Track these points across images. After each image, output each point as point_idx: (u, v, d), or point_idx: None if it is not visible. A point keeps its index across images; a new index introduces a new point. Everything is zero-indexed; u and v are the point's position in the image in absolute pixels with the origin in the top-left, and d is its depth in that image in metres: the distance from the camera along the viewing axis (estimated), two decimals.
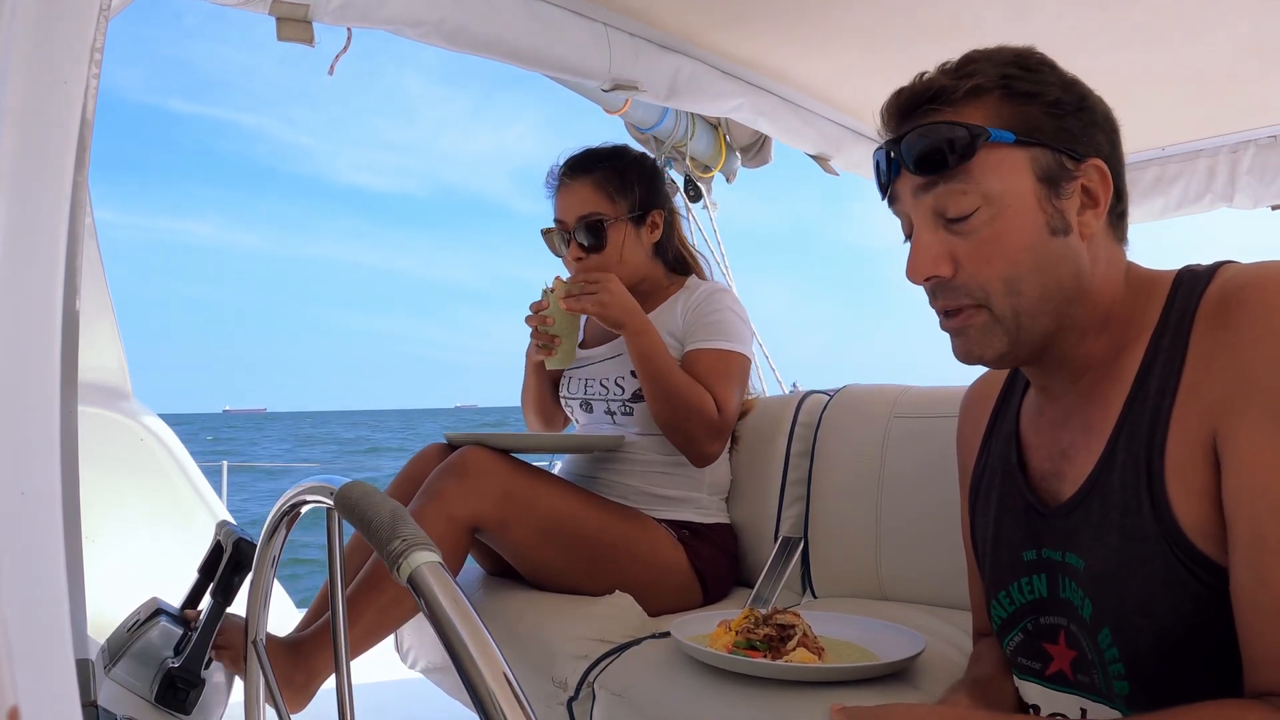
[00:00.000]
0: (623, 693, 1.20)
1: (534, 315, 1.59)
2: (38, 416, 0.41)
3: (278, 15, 1.38)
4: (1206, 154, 2.40)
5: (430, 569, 0.51)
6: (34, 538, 0.39)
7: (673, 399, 1.49)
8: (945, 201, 0.75)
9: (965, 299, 0.76)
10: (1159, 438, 0.71)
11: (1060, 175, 0.74)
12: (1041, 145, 0.74)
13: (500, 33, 1.57)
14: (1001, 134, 0.73)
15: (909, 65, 0.81)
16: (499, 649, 0.47)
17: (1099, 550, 0.74)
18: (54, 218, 0.44)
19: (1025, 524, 0.84)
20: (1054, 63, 0.77)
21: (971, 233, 0.75)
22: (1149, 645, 0.71)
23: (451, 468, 1.38)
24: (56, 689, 0.38)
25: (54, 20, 0.46)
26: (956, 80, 0.75)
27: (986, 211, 0.74)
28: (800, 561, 1.62)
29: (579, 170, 1.65)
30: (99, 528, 2.15)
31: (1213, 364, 0.69)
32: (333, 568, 0.71)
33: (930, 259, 0.76)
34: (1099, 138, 0.76)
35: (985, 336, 0.77)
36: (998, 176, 0.73)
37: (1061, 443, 0.81)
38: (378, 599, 1.28)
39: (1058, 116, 0.75)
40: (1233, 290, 0.69)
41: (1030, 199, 0.74)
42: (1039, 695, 0.84)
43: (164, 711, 1.04)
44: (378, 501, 0.57)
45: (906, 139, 0.76)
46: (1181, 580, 0.68)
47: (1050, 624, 0.82)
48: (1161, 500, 0.69)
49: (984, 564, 0.91)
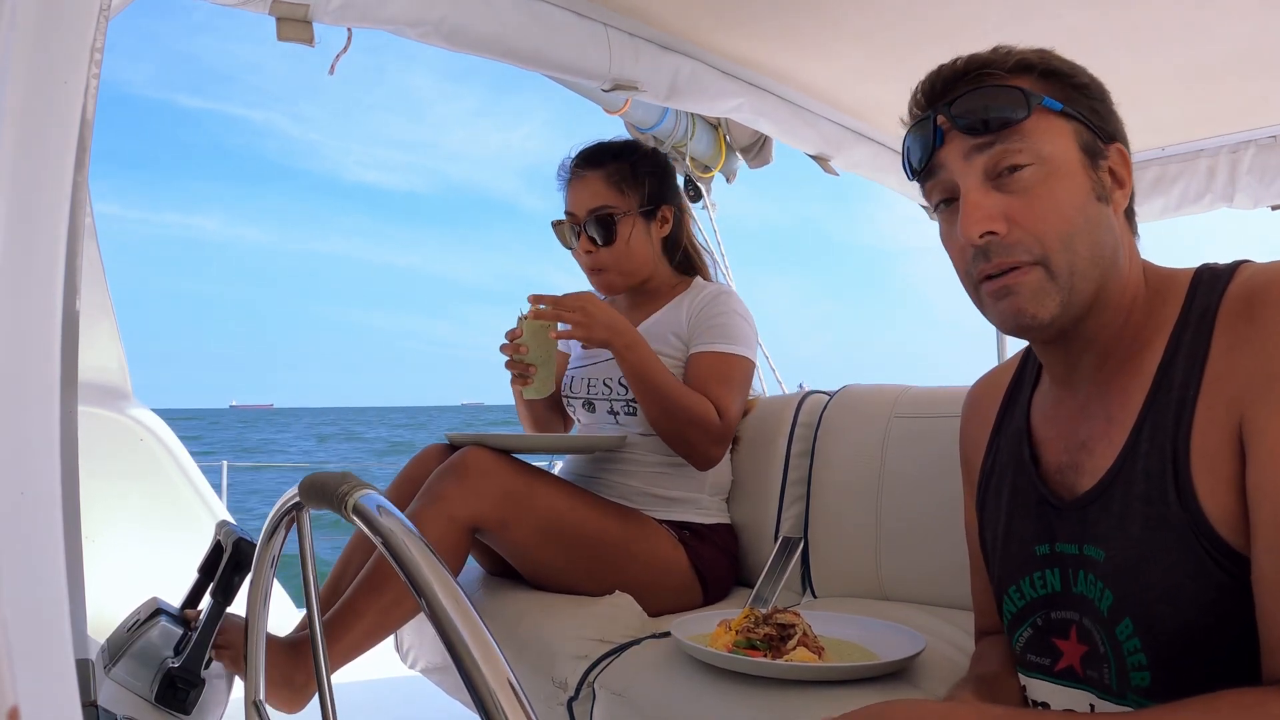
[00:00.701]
0: (623, 693, 1.20)
1: (508, 345, 1.56)
2: (38, 416, 0.41)
3: (278, 15, 1.38)
4: (1207, 154, 2.40)
5: (372, 499, 0.55)
6: (34, 538, 0.39)
7: (671, 410, 1.48)
8: (1000, 160, 0.76)
9: (1024, 254, 0.75)
10: (1184, 427, 0.71)
11: (1096, 150, 0.78)
12: (1081, 120, 0.78)
13: (500, 33, 1.57)
14: (1051, 101, 0.76)
15: (909, 65, 0.82)
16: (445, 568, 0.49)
17: (1121, 541, 0.74)
18: (54, 218, 0.44)
19: (1038, 518, 0.84)
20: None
21: (1025, 190, 0.75)
22: (1172, 635, 0.71)
23: (452, 468, 1.38)
24: (56, 689, 0.38)
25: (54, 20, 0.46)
26: (1003, 56, 0.78)
27: (1040, 170, 0.75)
28: (800, 561, 1.62)
29: (590, 163, 1.65)
30: (99, 528, 2.16)
31: (1238, 356, 0.70)
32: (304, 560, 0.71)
33: (986, 215, 0.76)
34: (1118, 125, 0.80)
35: (1039, 295, 0.76)
36: (1049, 139, 0.76)
37: (1080, 435, 0.82)
38: (378, 600, 1.28)
39: (1089, 99, 0.79)
40: (1258, 286, 0.71)
41: (1078, 164, 0.77)
42: (1048, 692, 0.84)
43: (164, 711, 1.04)
44: (328, 473, 0.63)
45: (959, 101, 0.77)
46: (1206, 570, 0.69)
47: (1061, 619, 0.82)
48: (1188, 489, 0.70)
49: (993, 560, 0.91)
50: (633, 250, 1.65)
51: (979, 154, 0.77)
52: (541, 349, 1.54)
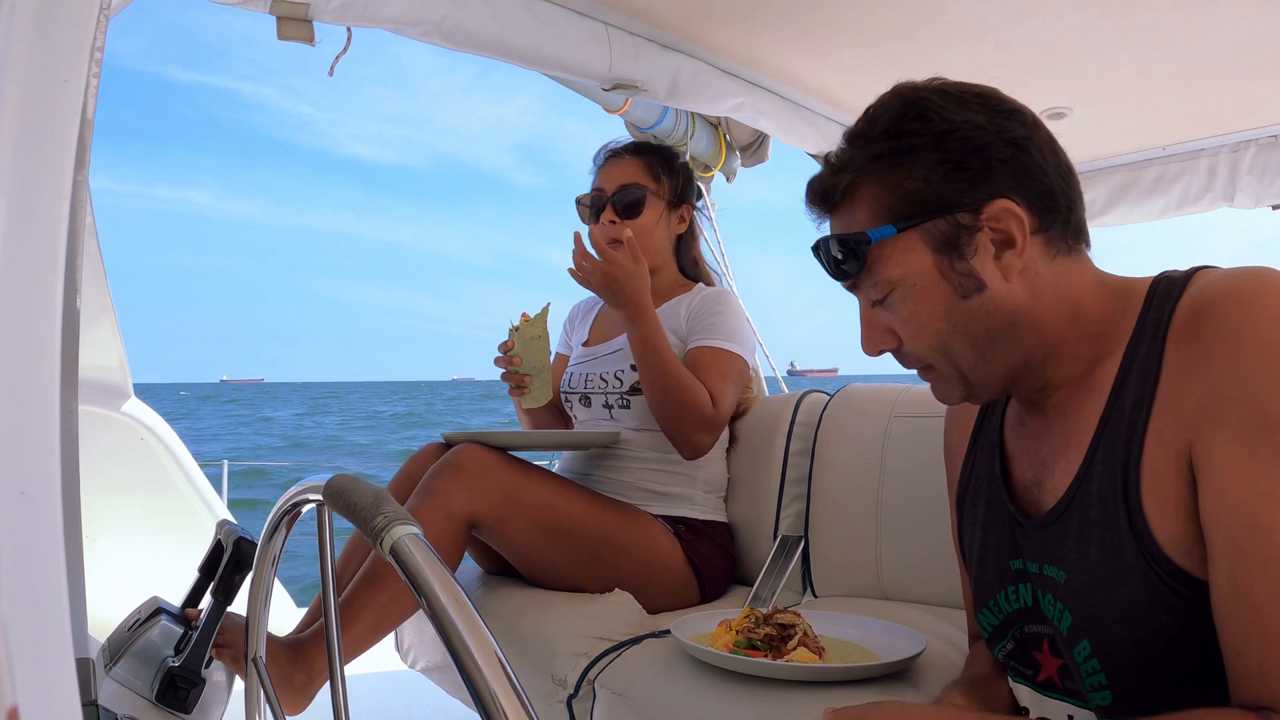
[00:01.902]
0: (623, 691, 1.20)
1: (502, 357, 1.57)
2: (38, 416, 0.41)
3: (278, 14, 1.38)
4: (1207, 153, 2.40)
5: (411, 540, 0.53)
6: (34, 538, 0.39)
7: (670, 388, 1.50)
8: (865, 293, 0.81)
9: (916, 363, 0.82)
10: (1135, 451, 0.70)
11: (958, 236, 0.75)
12: (927, 219, 0.75)
13: (500, 32, 1.57)
14: (882, 231, 0.76)
15: (909, 64, 0.82)
16: (478, 612, 0.48)
17: (1079, 563, 0.74)
18: (54, 217, 0.44)
19: (1010, 534, 0.84)
20: (941, 107, 0.75)
21: (895, 312, 0.79)
22: (1129, 657, 0.71)
23: (448, 465, 1.38)
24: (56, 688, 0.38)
25: (54, 20, 0.46)
26: (835, 178, 0.79)
27: (898, 294, 0.78)
28: (800, 561, 1.62)
29: (629, 150, 1.75)
30: (99, 528, 2.16)
31: (1187, 376, 0.68)
32: (324, 562, 0.71)
33: (874, 337, 0.82)
34: (1000, 175, 0.74)
35: (947, 387, 0.82)
36: (894, 264, 0.77)
37: (1042, 454, 0.81)
38: (377, 598, 1.28)
39: (941, 177, 0.74)
40: (1205, 302, 0.69)
41: (932, 273, 0.76)
42: (1030, 699, 0.84)
43: (164, 710, 1.04)
44: (362, 487, 0.60)
45: (820, 252, 0.82)
46: (1160, 593, 0.68)
47: (1036, 632, 0.82)
48: (1138, 515, 0.69)
49: (971, 572, 0.91)
50: (652, 233, 1.70)
51: (855, 290, 0.82)
52: (535, 359, 1.56)
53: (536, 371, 1.56)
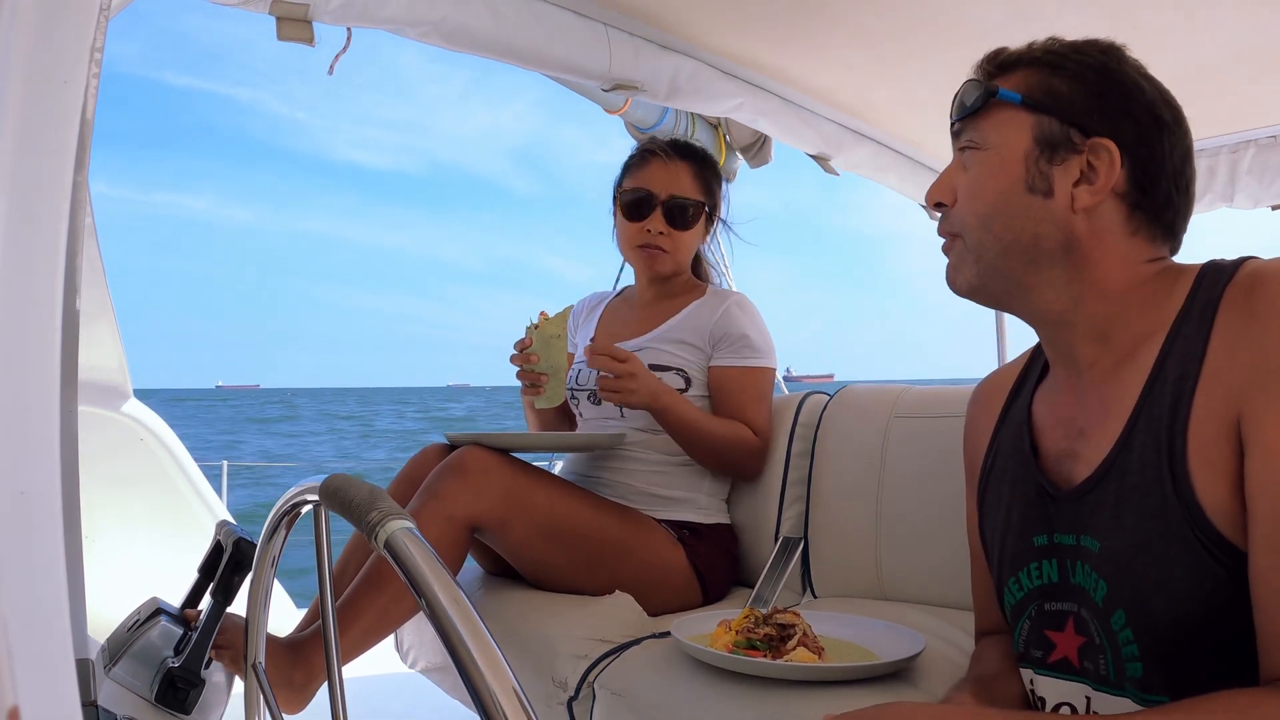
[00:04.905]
0: (623, 692, 1.20)
1: (518, 355, 1.57)
2: (38, 416, 0.41)
3: (278, 15, 1.38)
4: (1207, 154, 2.40)
5: (406, 534, 0.53)
6: (34, 538, 0.39)
7: (715, 449, 1.57)
8: (961, 141, 0.86)
9: (955, 226, 0.85)
10: (1181, 419, 0.71)
11: (1059, 144, 0.80)
12: (1049, 114, 0.80)
13: (500, 32, 1.57)
14: (1009, 94, 0.82)
15: (910, 66, 0.83)
16: (473, 606, 0.48)
17: (1116, 531, 0.75)
18: (54, 218, 0.44)
19: (1038, 508, 0.84)
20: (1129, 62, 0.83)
21: (969, 170, 0.84)
22: (1165, 627, 0.71)
23: (451, 467, 1.38)
24: (56, 689, 0.38)
25: (54, 20, 0.46)
26: (1018, 52, 0.86)
27: (981, 154, 0.83)
28: (800, 561, 1.62)
29: (683, 153, 1.74)
30: (99, 528, 2.15)
31: (1237, 349, 0.70)
32: (321, 562, 0.71)
33: (939, 186, 0.87)
34: (1126, 130, 0.79)
35: (960, 264, 0.85)
36: (996, 129, 0.83)
37: (1079, 423, 0.82)
38: (377, 599, 1.28)
39: (1084, 96, 0.80)
40: (1260, 281, 0.71)
41: (1017, 154, 0.81)
42: (1045, 684, 0.84)
43: (164, 711, 1.04)
44: (356, 484, 0.60)
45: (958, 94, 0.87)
46: (1200, 562, 0.69)
47: (1056, 610, 0.82)
48: (1184, 481, 0.70)
49: (993, 553, 0.92)
50: (692, 245, 1.73)
51: (957, 138, 0.87)
52: (553, 358, 1.56)
53: (553, 371, 1.56)
